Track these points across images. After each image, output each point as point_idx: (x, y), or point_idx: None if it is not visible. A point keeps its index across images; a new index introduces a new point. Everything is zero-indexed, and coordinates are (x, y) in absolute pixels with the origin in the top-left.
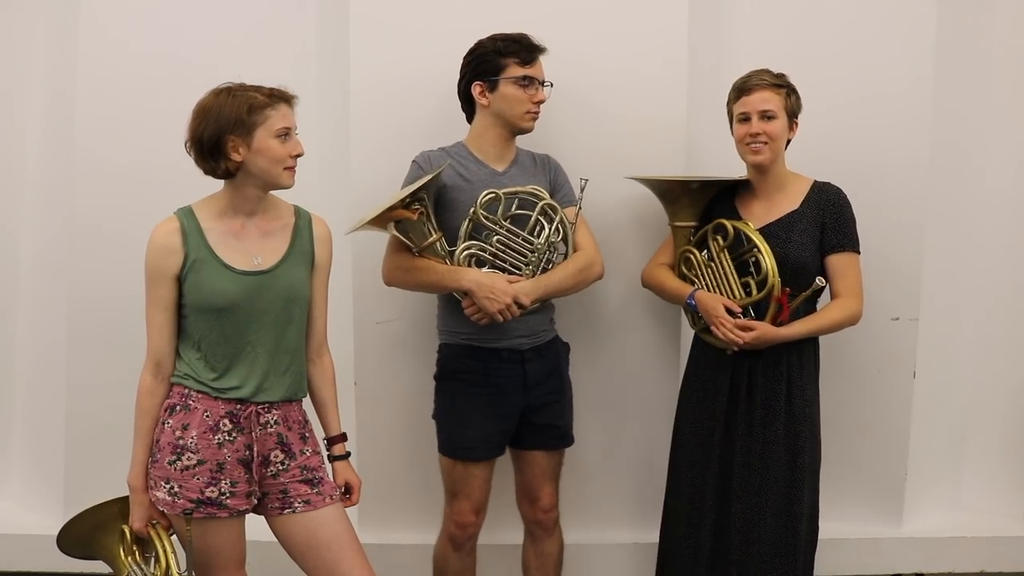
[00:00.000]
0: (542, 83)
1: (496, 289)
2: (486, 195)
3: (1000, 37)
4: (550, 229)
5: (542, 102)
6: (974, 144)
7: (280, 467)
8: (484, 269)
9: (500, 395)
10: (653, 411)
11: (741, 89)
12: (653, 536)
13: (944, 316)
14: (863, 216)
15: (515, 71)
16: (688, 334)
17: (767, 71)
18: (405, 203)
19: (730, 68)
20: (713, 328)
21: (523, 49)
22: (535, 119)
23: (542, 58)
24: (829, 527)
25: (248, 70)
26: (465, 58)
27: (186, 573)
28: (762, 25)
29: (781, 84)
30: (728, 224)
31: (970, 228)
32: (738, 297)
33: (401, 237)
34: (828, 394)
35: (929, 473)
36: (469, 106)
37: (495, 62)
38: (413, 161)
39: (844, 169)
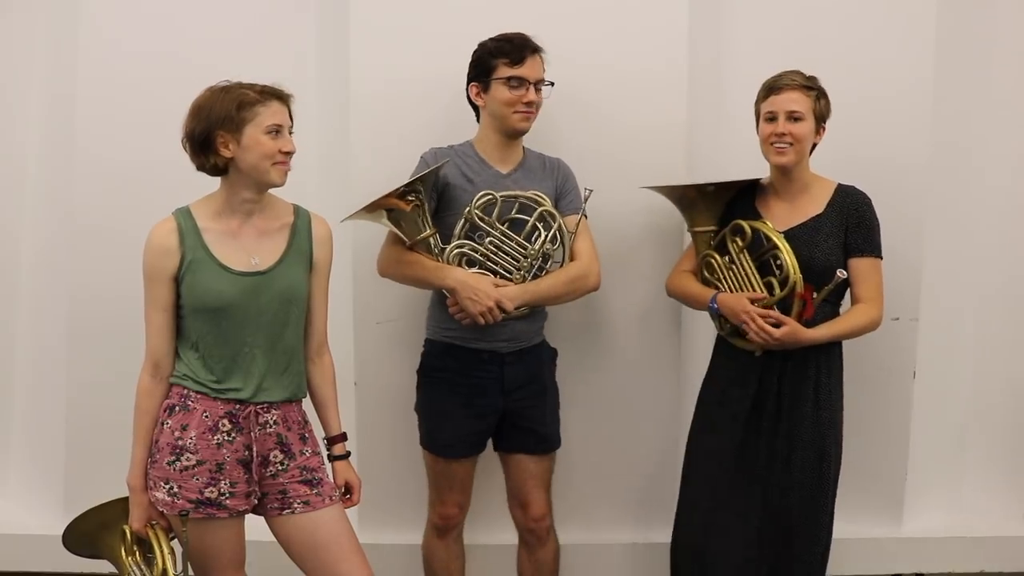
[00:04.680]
0: (538, 84)
1: (479, 291)
2: (482, 196)
3: (1000, 37)
4: (546, 236)
5: (533, 103)
6: (974, 144)
7: (279, 467)
8: (474, 270)
9: (477, 395)
10: (652, 413)
11: (771, 88)
12: (652, 536)
13: (944, 316)
14: None
15: (504, 71)
16: (687, 339)
17: (799, 72)
18: (399, 192)
19: (730, 69)
20: (743, 324)
21: (513, 49)
22: (527, 120)
23: (545, 59)
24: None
25: (248, 70)
26: (470, 59)
27: (181, 574)
28: (762, 25)
29: (811, 87)
30: (745, 224)
31: (970, 228)
32: (760, 295)
33: (393, 228)
34: None
35: (929, 473)
36: (476, 107)
37: (488, 63)
38: (421, 157)
39: (844, 169)
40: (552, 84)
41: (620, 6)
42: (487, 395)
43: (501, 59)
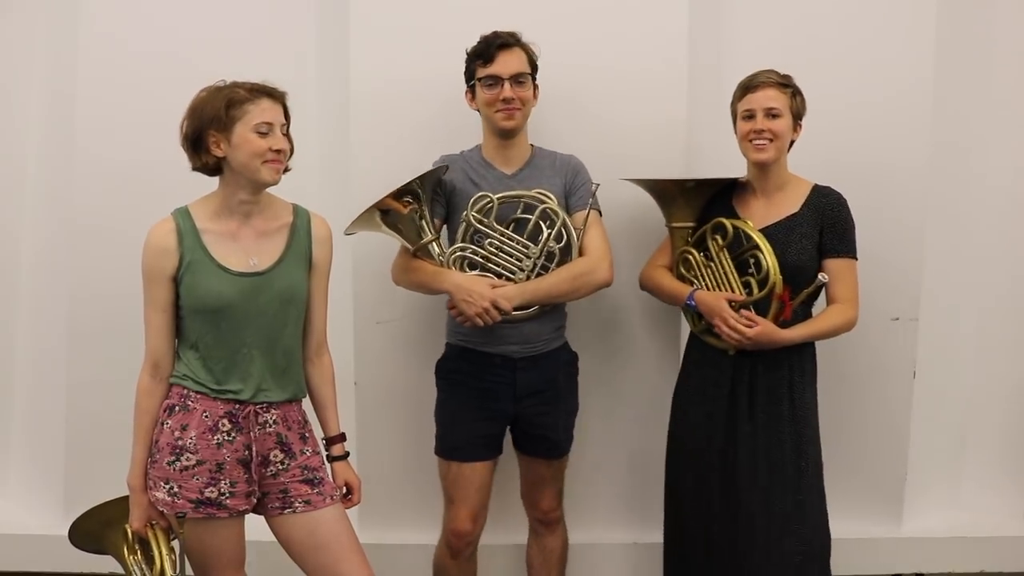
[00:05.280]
0: (517, 78)
1: (474, 293)
2: (479, 198)
3: (1000, 37)
4: (548, 234)
5: (509, 99)
6: (974, 144)
7: (280, 467)
8: (475, 272)
9: (489, 399)
10: (652, 412)
11: (747, 87)
12: (652, 536)
13: (944, 316)
14: (863, 217)
15: (480, 72)
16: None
17: (774, 71)
18: (394, 194)
19: (730, 69)
20: (716, 326)
21: (485, 48)
22: (510, 118)
23: (536, 51)
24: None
25: (248, 70)
26: None
27: (180, 575)
28: (762, 26)
29: (787, 84)
30: (727, 223)
31: (970, 228)
32: (739, 296)
33: (392, 233)
34: (828, 394)
35: (929, 473)
36: None
37: (469, 68)
38: (432, 164)
39: (844, 169)
40: (532, 74)
41: (620, 6)
42: (499, 400)
43: (477, 61)
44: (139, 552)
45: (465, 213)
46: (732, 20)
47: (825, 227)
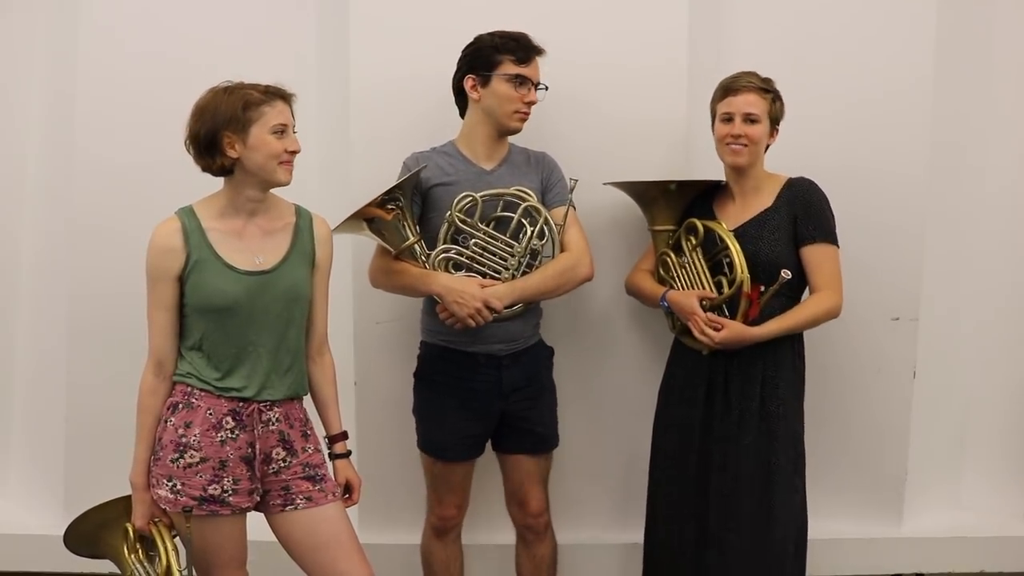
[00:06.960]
0: (536, 85)
1: (465, 294)
2: (462, 198)
3: (1000, 37)
4: (532, 232)
5: (533, 104)
6: (974, 144)
7: (282, 464)
8: (461, 273)
9: (474, 399)
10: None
11: (727, 89)
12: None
13: (944, 316)
14: (863, 216)
15: (509, 68)
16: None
17: (755, 74)
18: (378, 202)
19: (730, 68)
20: (689, 326)
21: (520, 48)
22: (524, 120)
23: (541, 61)
24: (828, 527)
25: (248, 70)
26: (463, 51)
27: (186, 571)
28: (762, 25)
29: (767, 89)
30: (698, 223)
31: (970, 228)
32: (711, 296)
33: (376, 238)
34: (828, 394)
35: (929, 473)
36: (462, 100)
37: (491, 57)
38: (403, 163)
39: (844, 168)
40: (547, 88)
41: (620, 5)
42: (484, 399)
43: (507, 55)
44: (140, 551)
45: (449, 214)
46: (732, 19)
47: (798, 215)
